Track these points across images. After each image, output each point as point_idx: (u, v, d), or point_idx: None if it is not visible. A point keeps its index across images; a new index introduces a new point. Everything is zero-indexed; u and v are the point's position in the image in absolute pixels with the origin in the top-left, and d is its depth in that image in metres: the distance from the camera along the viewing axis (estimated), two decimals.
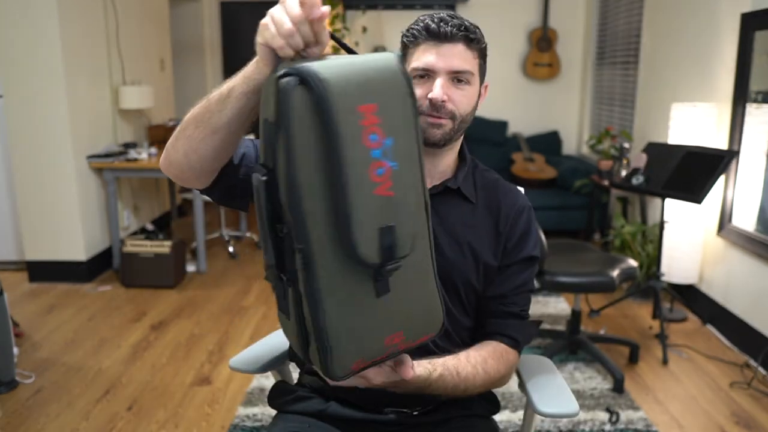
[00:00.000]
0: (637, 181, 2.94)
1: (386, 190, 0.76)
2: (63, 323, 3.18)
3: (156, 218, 4.79)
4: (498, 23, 5.48)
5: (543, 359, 1.33)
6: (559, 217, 4.62)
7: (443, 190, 1.15)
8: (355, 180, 0.74)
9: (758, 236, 2.81)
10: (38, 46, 3.47)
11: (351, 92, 0.72)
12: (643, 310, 3.40)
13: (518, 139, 5.29)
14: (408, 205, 0.80)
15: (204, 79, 5.91)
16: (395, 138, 0.76)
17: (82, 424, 2.29)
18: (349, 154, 0.73)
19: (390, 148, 0.76)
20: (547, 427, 2.27)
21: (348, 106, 0.72)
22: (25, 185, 3.64)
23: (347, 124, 0.72)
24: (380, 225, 0.77)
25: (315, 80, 0.71)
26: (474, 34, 1.09)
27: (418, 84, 1.09)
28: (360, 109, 0.73)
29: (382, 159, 0.75)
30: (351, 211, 0.74)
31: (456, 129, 1.11)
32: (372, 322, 0.82)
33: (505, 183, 1.24)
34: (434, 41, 1.07)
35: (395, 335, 0.85)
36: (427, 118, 1.08)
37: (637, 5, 4.39)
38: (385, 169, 0.76)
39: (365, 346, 0.82)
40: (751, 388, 2.56)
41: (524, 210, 1.21)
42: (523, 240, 1.19)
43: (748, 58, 2.90)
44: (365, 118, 0.73)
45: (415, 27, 1.10)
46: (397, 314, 0.84)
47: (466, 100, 1.10)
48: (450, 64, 1.07)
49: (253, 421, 2.30)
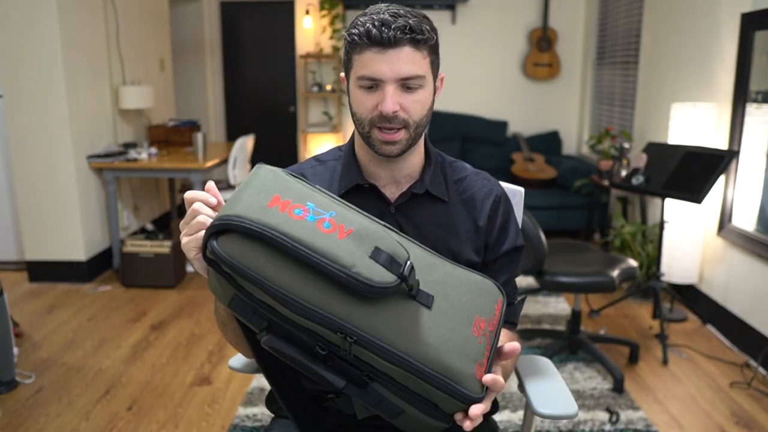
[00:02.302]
0: (637, 181, 2.94)
1: (344, 231, 0.82)
2: (63, 323, 3.19)
3: (156, 218, 4.80)
4: (498, 23, 5.48)
5: (543, 360, 1.32)
6: (559, 217, 4.62)
7: (411, 196, 1.11)
8: (317, 243, 0.79)
9: (758, 236, 2.81)
10: (38, 46, 3.47)
11: (252, 204, 0.80)
12: (643, 310, 3.40)
13: (518, 139, 5.29)
14: (369, 227, 0.84)
15: (204, 79, 5.91)
16: (311, 200, 0.84)
17: (82, 424, 2.29)
18: (295, 233, 0.79)
19: (315, 207, 0.83)
20: (547, 427, 2.27)
21: (258, 210, 0.80)
22: (25, 185, 3.65)
23: (271, 219, 0.79)
24: (367, 253, 0.81)
25: (222, 222, 0.78)
26: (421, 33, 0.99)
27: (365, 94, 1.02)
28: (270, 205, 0.81)
29: (319, 218, 0.82)
30: (339, 264, 0.78)
31: (412, 137, 1.04)
32: (447, 328, 0.84)
33: (475, 172, 1.20)
34: (377, 48, 0.98)
35: (476, 323, 0.87)
36: (379, 134, 1.03)
37: (637, 5, 4.39)
38: (328, 220, 0.82)
39: (464, 349, 0.83)
40: (751, 388, 2.56)
41: (500, 200, 1.17)
42: (503, 232, 1.16)
43: (748, 58, 2.90)
44: (280, 205, 0.81)
45: (356, 31, 1.00)
46: (456, 307, 0.87)
47: (420, 106, 1.03)
48: (398, 72, 0.98)
49: (253, 421, 2.30)
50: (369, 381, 0.83)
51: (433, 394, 0.81)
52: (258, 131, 5.79)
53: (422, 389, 0.82)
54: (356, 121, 1.07)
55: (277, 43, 5.90)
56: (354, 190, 1.11)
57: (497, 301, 0.94)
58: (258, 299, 0.81)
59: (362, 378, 0.82)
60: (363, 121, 1.04)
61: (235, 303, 0.83)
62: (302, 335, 0.82)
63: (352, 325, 0.79)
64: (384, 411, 0.86)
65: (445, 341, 0.82)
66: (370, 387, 0.83)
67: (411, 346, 0.80)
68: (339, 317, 0.78)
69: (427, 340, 0.81)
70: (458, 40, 5.50)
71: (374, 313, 0.80)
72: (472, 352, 0.84)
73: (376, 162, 1.11)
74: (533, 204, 4.44)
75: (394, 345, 0.80)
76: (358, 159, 1.13)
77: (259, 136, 5.74)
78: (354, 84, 1.04)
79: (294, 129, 6.04)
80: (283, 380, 1.03)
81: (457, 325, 0.85)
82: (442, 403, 0.82)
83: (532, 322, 3.24)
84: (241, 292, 0.81)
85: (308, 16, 5.57)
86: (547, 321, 3.26)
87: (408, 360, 0.80)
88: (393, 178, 1.12)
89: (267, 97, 6.05)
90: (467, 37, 5.50)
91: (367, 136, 1.05)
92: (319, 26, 5.60)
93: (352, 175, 1.12)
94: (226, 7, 5.89)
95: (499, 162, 5.16)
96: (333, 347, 0.81)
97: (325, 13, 5.46)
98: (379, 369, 0.81)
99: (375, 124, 1.03)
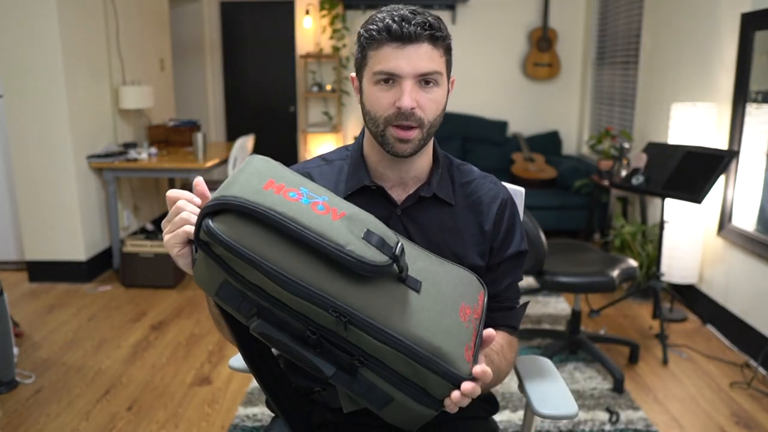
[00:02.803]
0: (637, 181, 2.94)
1: (337, 213, 0.84)
2: (63, 323, 3.19)
3: (156, 218, 4.79)
4: (498, 23, 5.48)
5: (543, 360, 1.33)
6: (559, 217, 4.63)
7: (418, 199, 1.11)
8: (312, 223, 0.81)
9: (758, 236, 2.81)
10: (38, 46, 3.47)
11: (248, 186, 0.82)
12: (643, 310, 3.40)
13: (518, 139, 5.29)
14: (360, 213, 0.87)
15: (204, 79, 5.91)
16: (304, 185, 0.87)
17: (82, 424, 2.29)
18: (290, 213, 0.80)
19: (308, 192, 0.85)
20: (547, 427, 2.27)
21: (254, 192, 0.81)
22: (25, 185, 3.65)
23: (267, 200, 0.81)
24: (360, 235, 0.83)
25: (219, 202, 0.79)
26: (439, 31, 1.00)
27: (381, 90, 1.01)
28: (265, 188, 0.82)
29: (312, 201, 0.84)
30: (333, 242, 0.80)
31: (425, 136, 1.04)
32: (435, 311, 0.86)
33: (483, 175, 1.20)
34: (397, 43, 0.99)
35: (462, 309, 0.89)
36: (395, 132, 1.02)
37: (637, 5, 4.39)
38: (321, 203, 0.84)
39: (452, 332, 0.85)
40: (751, 388, 2.56)
41: (506, 204, 1.17)
42: (509, 237, 1.16)
43: (748, 58, 2.90)
44: (275, 188, 0.83)
45: (374, 27, 1.00)
46: (443, 293, 0.89)
47: (435, 105, 1.03)
48: (417, 68, 0.99)
49: (253, 421, 2.31)
50: (359, 365, 0.83)
51: (423, 377, 0.82)
52: (258, 131, 5.79)
53: (413, 371, 0.82)
54: (370, 120, 1.05)
55: (277, 43, 5.90)
56: (361, 191, 1.11)
57: (479, 292, 0.97)
58: (249, 282, 0.81)
59: (352, 363, 0.83)
60: (378, 119, 1.03)
61: (223, 291, 0.83)
62: (292, 320, 0.82)
63: (345, 303, 0.80)
64: (372, 400, 0.86)
65: (434, 323, 0.84)
66: (359, 374, 0.84)
67: (402, 327, 0.81)
68: (333, 296, 0.79)
69: (417, 321, 0.83)
70: (458, 40, 5.47)
71: (366, 294, 0.81)
72: (460, 335, 0.86)
73: (386, 163, 1.10)
74: (533, 204, 4.44)
75: (387, 325, 0.81)
76: (366, 159, 1.13)
77: (259, 136, 5.74)
78: (369, 81, 1.03)
79: (294, 129, 6.05)
80: (272, 379, 1.02)
81: (445, 309, 0.87)
82: (432, 386, 0.83)
83: (532, 322, 3.24)
84: (232, 276, 0.81)
85: (308, 16, 5.57)
86: (547, 321, 3.26)
87: (400, 339, 0.81)
88: (401, 180, 1.12)
89: (267, 97, 6.05)
90: (467, 37, 5.50)
91: (381, 135, 1.04)
92: (319, 26, 5.60)
93: (359, 175, 1.11)
94: (226, 7, 5.89)
95: (499, 162, 5.16)
96: (324, 331, 0.82)
97: (325, 13, 5.46)
98: (369, 352, 0.82)
99: (391, 123, 1.02)
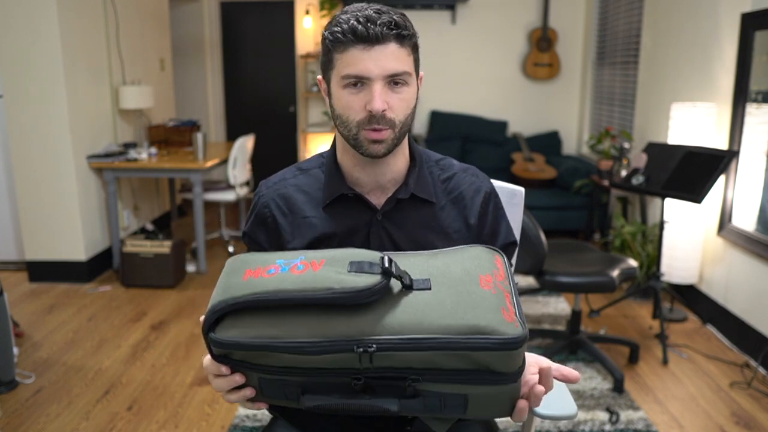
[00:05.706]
0: (637, 181, 2.94)
1: (317, 264, 0.85)
2: (63, 323, 3.19)
3: (156, 218, 4.80)
4: (498, 23, 5.48)
5: None
6: (559, 217, 4.62)
7: (397, 202, 1.09)
8: (297, 285, 0.82)
9: (758, 236, 2.81)
10: (38, 46, 3.47)
11: (229, 286, 0.85)
12: (643, 310, 3.40)
13: (518, 139, 5.29)
14: (339, 252, 0.88)
15: (204, 79, 5.91)
16: (280, 257, 0.89)
17: (82, 424, 2.29)
18: (272, 286, 0.82)
19: (284, 261, 0.88)
20: (547, 427, 2.27)
21: (236, 287, 0.84)
22: (25, 185, 3.65)
23: (248, 288, 0.83)
24: (345, 270, 0.84)
25: (211, 313, 0.83)
26: (406, 29, 0.99)
27: (351, 94, 1.00)
28: (245, 278, 0.85)
29: (291, 266, 0.86)
30: (322, 289, 0.81)
31: (397, 137, 1.03)
32: (455, 297, 0.83)
33: (463, 168, 1.18)
34: (363, 45, 0.96)
35: (481, 280, 0.86)
36: (367, 134, 1.00)
37: (637, 5, 4.39)
38: (299, 263, 0.86)
39: (482, 305, 0.82)
40: (751, 388, 2.56)
41: (490, 197, 1.15)
42: (495, 229, 1.15)
43: (748, 58, 2.90)
44: (253, 274, 0.86)
45: (338, 29, 0.98)
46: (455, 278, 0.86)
47: (405, 104, 1.02)
48: (385, 69, 0.97)
49: (253, 421, 2.31)
50: (415, 384, 0.81)
51: (476, 359, 0.80)
52: (258, 131, 5.79)
53: (465, 360, 0.80)
54: (341, 124, 1.03)
55: (277, 43, 5.90)
56: (339, 200, 1.10)
57: (494, 257, 0.93)
58: (278, 367, 0.83)
59: (408, 385, 0.81)
60: (350, 123, 1.01)
61: (265, 388, 0.86)
62: (333, 379, 0.82)
63: (364, 335, 0.79)
64: (451, 408, 0.84)
65: (459, 307, 0.81)
66: (422, 392, 0.82)
67: (429, 327, 0.80)
68: (349, 335, 0.79)
69: (440, 314, 0.81)
70: (458, 40, 5.50)
71: (380, 316, 0.81)
72: (491, 303, 0.82)
73: (361, 167, 1.08)
74: (533, 204, 4.44)
75: (414, 333, 0.79)
76: (340, 166, 1.11)
77: (259, 136, 5.74)
78: (337, 85, 1.01)
79: (294, 129, 6.05)
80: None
81: (464, 290, 0.84)
82: (491, 363, 0.80)
83: (532, 322, 3.24)
84: (261, 371, 0.83)
85: (308, 16, 5.57)
86: (547, 321, 3.26)
87: (432, 338, 0.79)
88: (377, 184, 1.10)
89: (267, 97, 6.05)
90: (467, 37, 5.50)
91: (354, 138, 1.02)
92: (319, 26, 5.60)
93: (335, 183, 1.10)
94: (226, 7, 5.89)
95: (499, 162, 5.16)
96: (365, 372, 0.81)
97: (325, 13, 5.46)
98: (417, 366, 0.81)
99: (363, 127, 1.00)
